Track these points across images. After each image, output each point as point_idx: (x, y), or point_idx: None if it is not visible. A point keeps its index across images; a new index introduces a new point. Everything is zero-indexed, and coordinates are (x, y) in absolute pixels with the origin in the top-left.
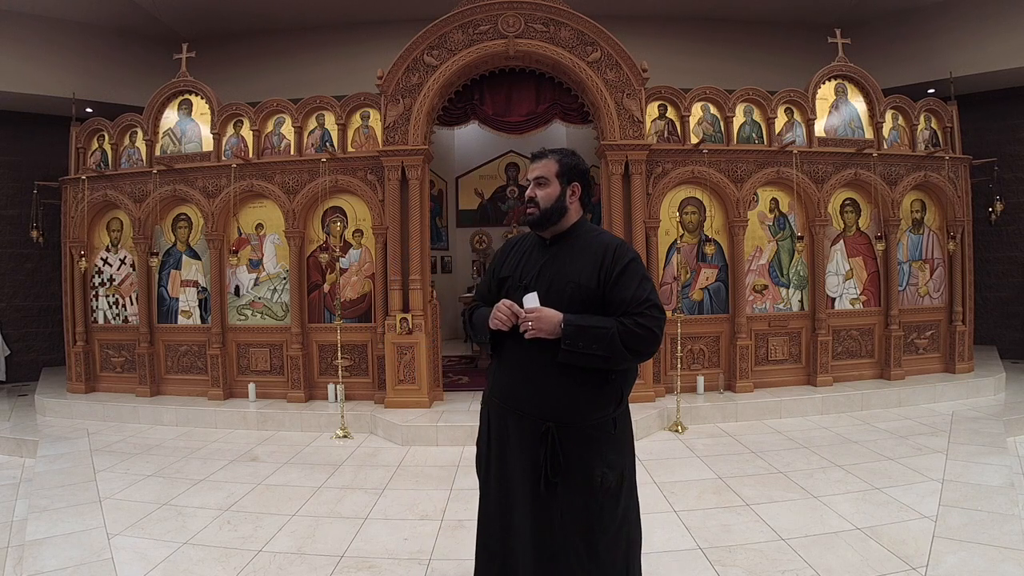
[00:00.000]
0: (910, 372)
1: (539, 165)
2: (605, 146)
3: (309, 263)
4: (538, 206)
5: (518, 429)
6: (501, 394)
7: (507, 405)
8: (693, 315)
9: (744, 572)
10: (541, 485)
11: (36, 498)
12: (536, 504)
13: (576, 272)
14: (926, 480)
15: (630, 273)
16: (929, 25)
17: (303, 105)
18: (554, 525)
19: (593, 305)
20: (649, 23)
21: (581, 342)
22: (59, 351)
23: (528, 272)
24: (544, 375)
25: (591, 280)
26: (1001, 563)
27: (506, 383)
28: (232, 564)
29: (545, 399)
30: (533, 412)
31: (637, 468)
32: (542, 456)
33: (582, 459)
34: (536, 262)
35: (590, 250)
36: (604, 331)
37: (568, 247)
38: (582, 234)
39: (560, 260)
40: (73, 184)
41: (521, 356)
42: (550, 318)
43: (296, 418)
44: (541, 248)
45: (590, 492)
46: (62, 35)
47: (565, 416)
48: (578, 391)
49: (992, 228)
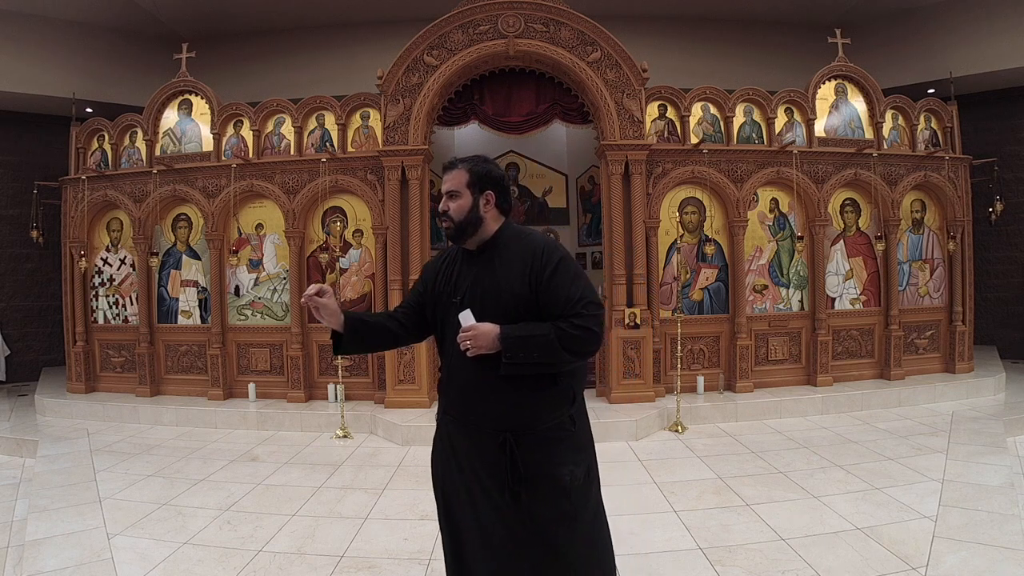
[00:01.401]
0: (910, 372)
1: (449, 177)
2: (605, 146)
3: (309, 263)
4: (452, 219)
5: (476, 442)
6: (455, 409)
7: (462, 419)
8: (693, 315)
9: (744, 572)
10: (506, 495)
11: (36, 498)
12: (502, 516)
13: (507, 280)
14: (926, 480)
15: (560, 274)
16: (929, 25)
17: (303, 105)
18: (519, 536)
19: (531, 311)
20: (649, 23)
21: (522, 352)
22: (59, 351)
23: (460, 287)
24: (493, 387)
25: (523, 286)
26: (1001, 563)
27: (458, 398)
28: (232, 564)
29: (498, 410)
30: (489, 424)
31: (637, 468)
32: (503, 465)
33: (548, 463)
34: (466, 275)
35: (518, 256)
36: (543, 338)
37: (495, 256)
38: (508, 240)
39: (490, 270)
40: (73, 184)
41: (468, 371)
42: (486, 333)
43: (296, 418)
44: (469, 260)
45: (561, 494)
46: (62, 35)
47: (522, 424)
48: (530, 397)
49: (992, 228)
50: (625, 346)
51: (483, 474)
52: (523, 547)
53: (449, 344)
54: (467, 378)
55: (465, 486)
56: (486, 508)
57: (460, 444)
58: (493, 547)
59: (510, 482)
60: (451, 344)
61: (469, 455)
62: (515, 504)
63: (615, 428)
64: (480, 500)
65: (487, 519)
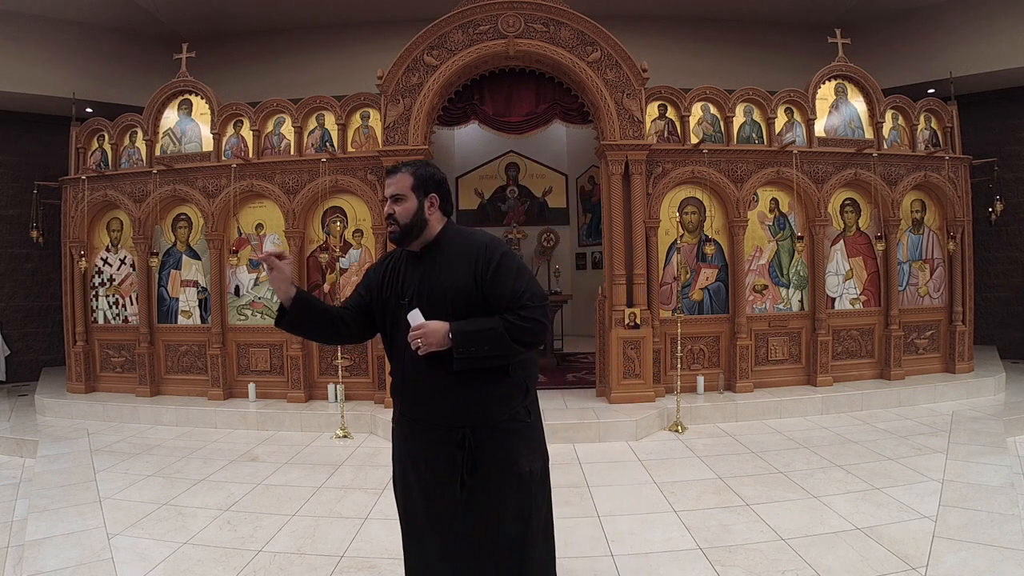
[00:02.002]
0: (910, 372)
1: (393, 181)
2: (605, 146)
3: (309, 263)
4: (397, 222)
5: (432, 442)
6: (410, 410)
7: (418, 420)
8: (693, 315)
9: (744, 572)
10: (458, 490)
11: (36, 498)
12: (463, 515)
13: (452, 278)
14: (926, 480)
15: (504, 268)
16: (929, 25)
17: (303, 105)
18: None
19: (476, 307)
20: (649, 23)
21: (472, 347)
22: (59, 351)
23: (407, 288)
24: (447, 383)
25: (468, 283)
26: (1001, 563)
27: (412, 399)
28: (232, 564)
29: (454, 406)
30: (445, 421)
31: (637, 468)
32: (459, 460)
33: (507, 456)
34: (412, 276)
35: (462, 253)
36: (491, 331)
37: (439, 255)
38: (451, 239)
39: (435, 270)
40: (73, 184)
41: (420, 370)
42: (436, 330)
43: (296, 418)
44: (414, 261)
45: (520, 487)
46: (62, 35)
47: (478, 418)
48: (484, 391)
49: (992, 228)
50: (625, 346)
51: (443, 473)
52: (484, 546)
53: (400, 345)
54: (420, 377)
55: (423, 488)
56: (446, 509)
57: (417, 445)
58: (456, 548)
59: (466, 477)
60: (402, 345)
61: (427, 455)
62: (474, 501)
63: (615, 428)
64: (440, 501)
65: (448, 520)
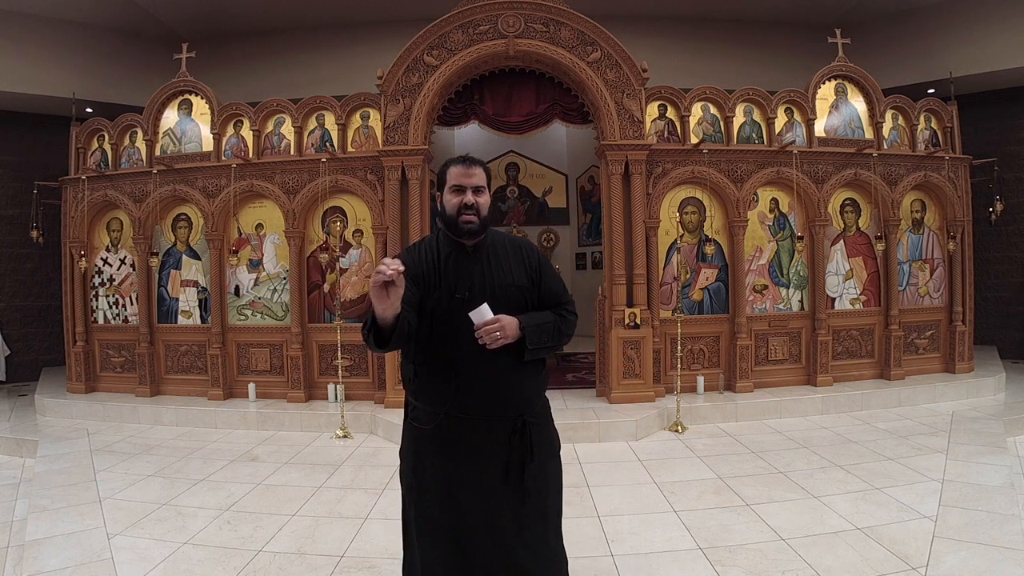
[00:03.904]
0: (910, 372)
1: (477, 173)
2: (605, 146)
3: (309, 263)
4: (478, 214)
5: (488, 433)
6: (467, 405)
7: (475, 413)
8: (693, 315)
9: (744, 572)
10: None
11: (36, 498)
12: (509, 499)
13: (512, 275)
14: (926, 480)
15: (547, 268)
16: (929, 25)
17: (303, 105)
18: (526, 512)
19: (530, 304)
20: (649, 23)
21: (539, 339)
22: (59, 351)
23: (462, 283)
24: (508, 375)
25: (525, 280)
26: (1001, 563)
27: (470, 392)
28: (232, 564)
29: (513, 397)
30: (504, 412)
31: (637, 468)
32: (518, 448)
33: (547, 438)
34: (467, 272)
35: (509, 252)
36: (550, 325)
37: (491, 252)
38: (496, 238)
39: (492, 266)
40: (73, 184)
41: (483, 364)
42: (511, 324)
43: (296, 418)
44: (463, 256)
45: (557, 464)
46: (62, 35)
47: (530, 406)
48: (534, 381)
49: (992, 228)
50: (625, 346)
51: (497, 464)
52: (535, 525)
53: (455, 340)
54: (479, 372)
55: (473, 483)
56: (499, 499)
57: (469, 440)
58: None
59: (527, 463)
60: (458, 340)
61: (480, 449)
62: (530, 485)
63: (615, 428)
64: (486, 491)
65: (501, 510)
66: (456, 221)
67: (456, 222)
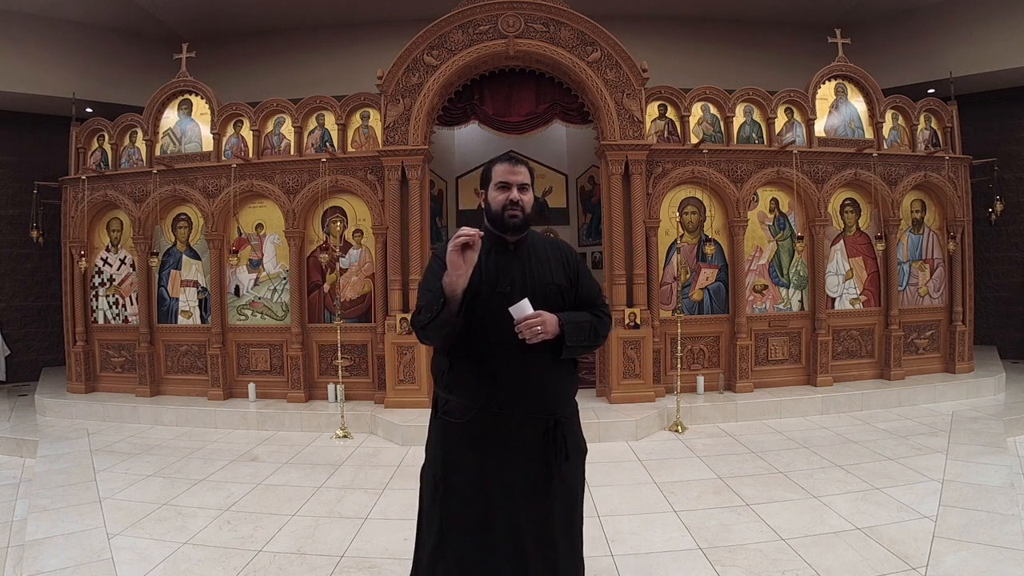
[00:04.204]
0: (910, 372)
1: (522, 171)
2: (605, 146)
3: (309, 263)
4: (523, 211)
5: (521, 430)
6: (502, 400)
7: (510, 409)
8: (693, 315)
9: (744, 572)
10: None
11: (36, 498)
12: (539, 497)
13: (551, 274)
14: (926, 480)
15: (584, 269)
16: (929, 25)
17: (303, 105)
18: (555, 511)
19: (568, 303)
20: (649, 23)
21: (577, 337)
22: (59, 351)
23: (503, 278)
24: (543, 372)
25: (564, 280)
26: (1001, 563)
27: (505, 388)
28: (232, 564)
29: (549, 394)
30: (538, 410)
31: (637, 468)
32: (552, 446)
33: (577, 436)
34: (508, 267)
35: (547, 251)
36: (587, 324)
37: (531, 250)
38: (533, 237)
39: (533, 264)
40: (73, 184)
41: (519, 360)
42: (552, 320)
43: (296, 418)
44: (504, 253)
45: (583, 461)
46: (62, 35)
47: (564, 405)
48: (569, 381)
49: (992, 228)
50: (625, 346)
51: (531, 461)
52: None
53: (493, 334)
54: (517, 368)
55: (504, 480)
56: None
57: (501, 437)
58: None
59: (560, 460)
60: (499, 334)
61: (511, 445)
62: (563, 483)
63: (615, 428)
64: (521, 488)
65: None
66: (502, 216)
67: (502, 217)
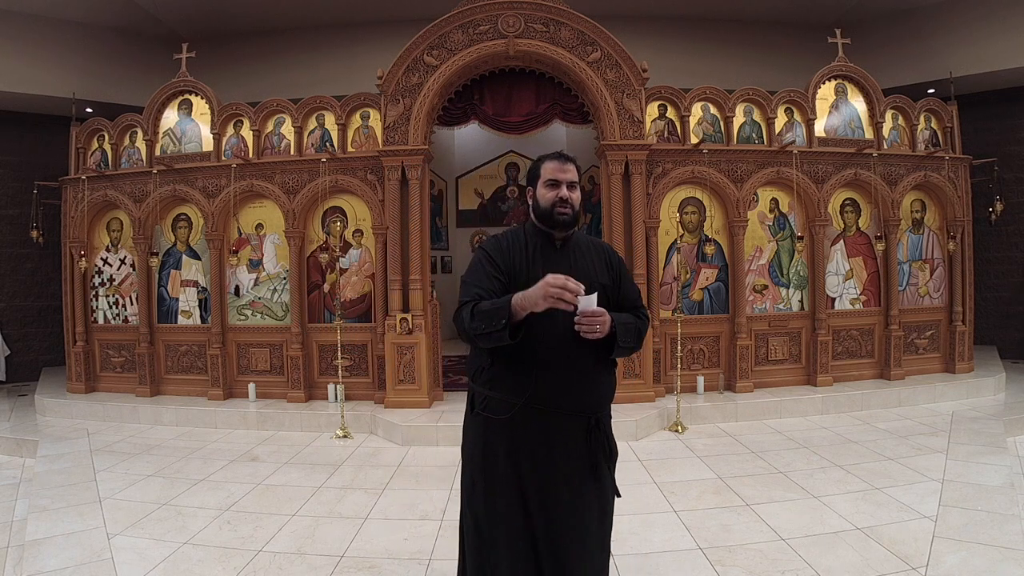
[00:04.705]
0: (910, 372)
1: (572, 169)
2: (605, 146)
3: (309, 263)
4: (573, 207)
5: (562, 429)
6: (546, 397)
7: (553, 406)
8: (693, 315)
9: (744, 572)
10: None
11: (36, 498)
12: (582, 496)
13: (597, 273)
14: (926, 480)
15: (626, 272)
16: (929, 25)
17: (303, 105)
18: (593, 510)
19: (611, 303)
20: (649, 23)
21: (625, 338)
22: (59, 351)
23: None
24: (589, 371)
25: (608, 280)
26: (1001, 563)
27: (547, 385)
28: (232, 564)
29: (593, 393)
30: (581, 408)
31: (637, 468)
32: (595, 447)
33: (612, 437)
34: (556, 264)
35: (592, 252)
36: (633, 325)
37: (577, 249)
38: (577, 236)
39: (580, 262)
40: (73, 184)
41: (567, 357)
42: (608, 320)
43: (296, 418)
44: (552, 250)
45: (615, 463)
46: (62, 35)
47: (604, 406)
48: (609, 382)
49: (992, 228)
50: None
51: (572, 461)
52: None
53: (542, 331)
54: (562, 365)
55: (541, 480)
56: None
57: (541, 433)
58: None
59: (605, 460)
60: (547, 331)
61: (554, 443)
62: (602, 483)
63: (615, 428)
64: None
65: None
66: (552, 213)
67: (552, 214)
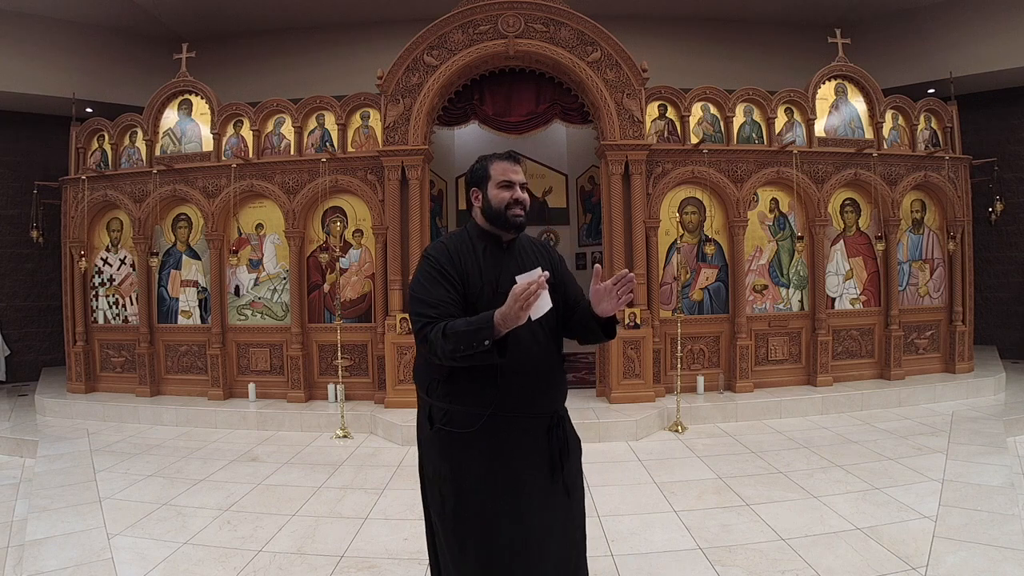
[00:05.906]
0: (910, 372)
1: (522, 169)
2: (605, 146)
3: (309, 263)
4: (526, 209)
5: (527, 432)
6: (514, 403)
7: (518, 411)
8: (693, 315)
9: (744, 572)
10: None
11: (36, 498)
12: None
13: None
14: (926, 480)
15: (567, 270)
16: (929, 25)
17: (303, 105)
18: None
19: (559, 300)
20: (649, 23)
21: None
22: (59, 351)
23: (504, 276)
24: (552, 370)
25: (554, 280)
26: (1001, 563)
27: (519, 389)
28: (232, 564)
29: (555, 392)
30: (544, 409)
31: (637, 468)
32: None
33: (573, 434)
34: (503, 265)
35: (533, 250)
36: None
37: (523, 250)
38: (521, 237)
39: (526, 262)
40: (73, 184)
41: (534, 357)
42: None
43: (296, 418)
44: (499, 251)
45: (580, 462)
46: (62, 35)
47: (562, 404)
48: (564, 376)
49: (992, 228)
50: (625, 346)
51: (537, 463)
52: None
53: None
54: (533, 365)
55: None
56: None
57: (508, 440)
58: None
59: (567, 456)
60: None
61: (520, 448)
62: (570, 482)
63: (615, 428)
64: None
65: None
66: (505, 215)
67: (505, 215)
